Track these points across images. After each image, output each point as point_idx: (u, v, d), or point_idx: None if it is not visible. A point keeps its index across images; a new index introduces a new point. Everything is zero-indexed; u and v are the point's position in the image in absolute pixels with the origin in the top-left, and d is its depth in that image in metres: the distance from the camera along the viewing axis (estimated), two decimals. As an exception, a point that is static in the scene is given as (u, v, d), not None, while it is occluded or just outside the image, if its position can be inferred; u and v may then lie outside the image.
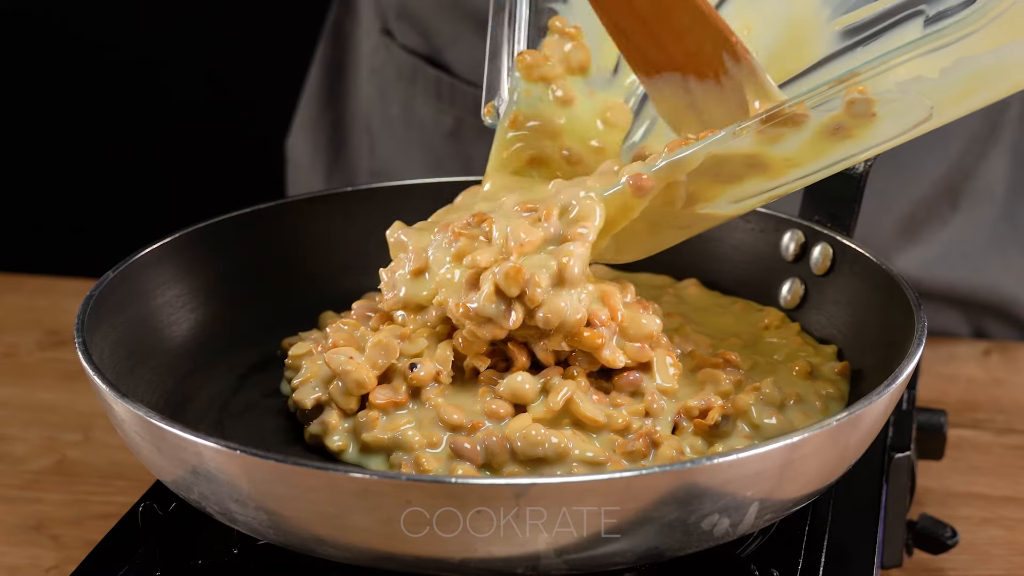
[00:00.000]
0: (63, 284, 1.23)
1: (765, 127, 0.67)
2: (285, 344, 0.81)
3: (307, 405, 0.72)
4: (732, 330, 0.80)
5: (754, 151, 0.68)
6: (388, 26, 1.20)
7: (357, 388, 0.70)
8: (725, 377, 0.72)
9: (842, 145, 0.68)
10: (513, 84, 0.77)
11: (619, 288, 0.72)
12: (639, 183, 0.69)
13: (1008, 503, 0.92)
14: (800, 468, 0.61)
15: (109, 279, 0.75)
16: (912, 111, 0.67)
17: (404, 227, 0.76)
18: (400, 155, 1.21)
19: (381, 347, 0.71)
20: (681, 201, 0.71)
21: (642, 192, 0.69)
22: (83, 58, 1.88)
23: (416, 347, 0.71)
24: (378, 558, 0.60)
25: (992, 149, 1.14)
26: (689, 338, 0.77)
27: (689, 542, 0.60)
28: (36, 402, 1.05)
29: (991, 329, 1.17)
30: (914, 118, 0.67)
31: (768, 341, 0.79)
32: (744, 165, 0.69)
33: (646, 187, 0.69)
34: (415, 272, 0.73)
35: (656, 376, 0.71)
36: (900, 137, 0.68)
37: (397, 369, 0.71)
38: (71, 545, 0.87)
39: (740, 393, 0.71)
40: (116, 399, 0.63)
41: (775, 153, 0.68)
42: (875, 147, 0.68)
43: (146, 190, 1.92)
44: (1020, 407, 1.03)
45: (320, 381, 0.72)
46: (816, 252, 0.82)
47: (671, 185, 0.70)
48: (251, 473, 0.59)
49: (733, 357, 0.74)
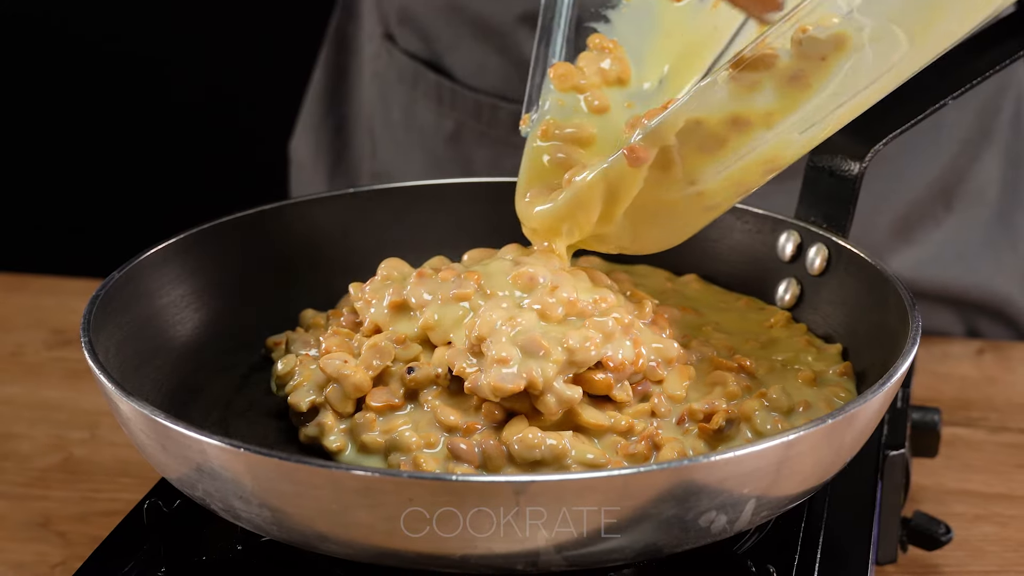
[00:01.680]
0: (69, 284, 1.23)
1: (737, 72, 0.66)
2: (270, 343, 0.81)
3: (302, 408, 0.71)
4: (738, 328, 0.80)
5: (734, 108, 0.67)
6: (390, 31, 1.20)
7: (355, 392, 0.70)
8: (734, 380, 0.72)
9: (807, 95, 0.67)
10: (546, 95, 0.77)
11: (637, 307, 0.71)
12: (635, 153, 0.68)
13: (1001, 500, 0.92)
14: (796, 466, 0.61)
15: (115, 279, 0.75)
16: (878, 47, 0.65)
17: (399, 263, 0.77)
18: (401, 158, 1.21)
19: (376, 350, 0.71)
20: (680, 173, 0.70)
21: (639, 161, 0.68)
22: (91, 61, 1.88)
23: (411, 351, 0.71)
24: (380, 554, 0.60)
25: (985, 151, 1.14)
26: (709, 341, 0.76)
27: (687, 539, 0.60)
28: (42, 400, 1.05)
29: (984, 328, 1.17)
30: (881, 61, 0.65)
31: (780, 342, 0.79)
32: (726, 124, 0.68)
33: (642, 156, 0.68)
34: (394, 306, 0.73)
35: (666, 385, 0.71)
36: (875, 83, 0.66)
37: (391, 372, 0.71)
38: (77, 541, 0.87)
39: (747, 399, 0.70)
40: (121, 398, 0.63)
41: (754, 107, 0.67)
42: (850, 96, 0.66)
43: (152, 191, 1.92)
44: (1013, 405, 1.03)
45: (314, 385, 0.72)
46: (812, 252, 0.82)
47: (665, 153, 0.68)
48: (255, 471, 0.59)
49: (748, 364, 0.73)
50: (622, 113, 0.77)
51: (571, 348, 0.67)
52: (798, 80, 0.66)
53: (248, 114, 1.85)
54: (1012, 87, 1.16)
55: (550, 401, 0.66)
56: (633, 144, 0.69)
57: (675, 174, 0.70)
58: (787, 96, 0.67)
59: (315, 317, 0.82)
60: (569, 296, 0.69)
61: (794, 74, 0.66)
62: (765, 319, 0.81)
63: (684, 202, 0.72)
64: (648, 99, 0.77)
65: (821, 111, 0.67)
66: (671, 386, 0.70)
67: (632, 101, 0.77)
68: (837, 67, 0.66)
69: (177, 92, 1.90)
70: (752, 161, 0.69)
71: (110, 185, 1.94)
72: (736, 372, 0.73)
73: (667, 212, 0.73)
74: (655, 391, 0.70)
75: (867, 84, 0.67)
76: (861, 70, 0.66)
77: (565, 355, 0.67)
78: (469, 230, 0.88)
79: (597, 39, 0.78)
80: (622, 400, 0.69)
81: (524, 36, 1.09)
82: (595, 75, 0.77)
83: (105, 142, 1.92)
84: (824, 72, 0.66)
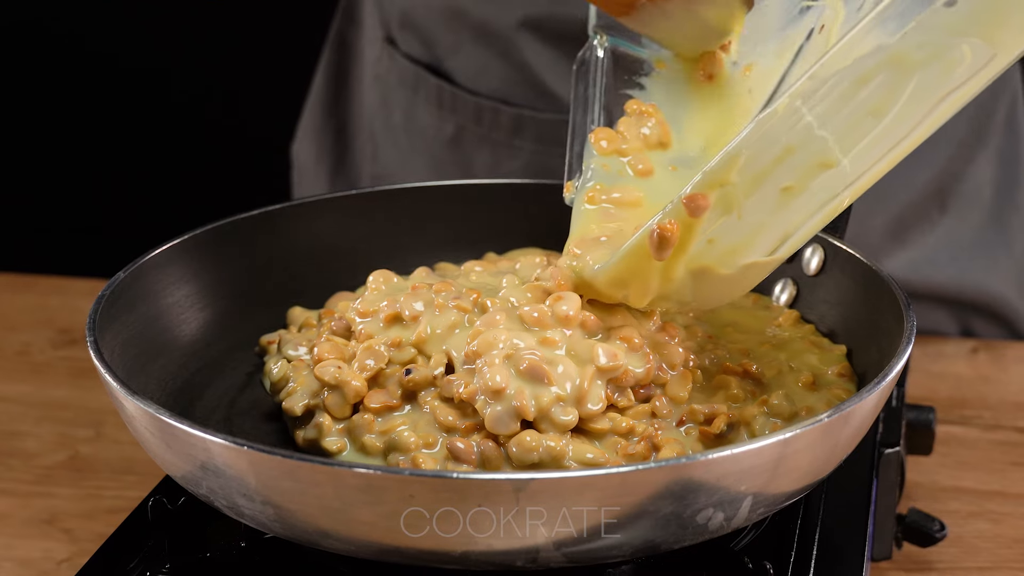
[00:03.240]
0: (75, 284, 1.22)
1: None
2: (263, 342, 0.80)
3: (297, 413, 0.71)
4: (752, 326, 0.79)
5: (791, 141, 0.64)
6: (391, 35, 1.20)
7: (354, 397, 0.69)
8: (737, 385, 0.71)
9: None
10: (588, 160, 0.76)
11: (644, 318, 0.71)
12: (695, 201, 0.65)
13: (995, 497, 0.91)
14: (792, 463, 0.61)
15: (120, 279, 0.75)
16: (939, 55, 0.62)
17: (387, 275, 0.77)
18: (402, 160, 1.21)
19: (371, 353, 0.70)
20: (739, 211, 0.66)
21: (699, 210, 0.65)
22: (99, 67, 1.89)
23: (406, 354, 0.70)
24: (381, 551, 0.60)
25: (979, 154, 1.14)
26: (728, 346, 0.75)
27: (684, 535, 0.60)
28: (49, 399, 1.04)
29: (978, 328, 1.17)
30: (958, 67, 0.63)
31: (790, 343, 0.78)
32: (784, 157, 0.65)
33: (702, 204, 0.65)
34: (389, 319, 0.72)
35: (669, 388, 0.70)
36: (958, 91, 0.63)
37: (386, 374, 0.70)
38: (83, 538, 0.87)
39: (748, 404, 0.70)
40: (127, 396, 0.63)
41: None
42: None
43: (157, 193, 1.93)
44: (1007, 404, 1.03)
45: (308, 391, 0.72)
46: (808, 253, 0.82)
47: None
48: (258, 468, 0.59)
49: (753, 369, 0.72)
50: (667, 176, 0.75)
51: (576, 391, 0.66)
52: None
53: (251, 118, 1.85)
54: (1006, 91, 1.16)
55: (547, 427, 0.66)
56: (692, 193, 0.65)
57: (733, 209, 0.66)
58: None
59: (304, 316, 0.82)
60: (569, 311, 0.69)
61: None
62: (772, 317, 0.81)
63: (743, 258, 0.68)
64: (692, 162, 0.76)
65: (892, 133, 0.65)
66: (674, 389, 0.70)
67: (676, 164, 0.76)
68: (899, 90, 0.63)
69: (182, 97, 1.90)
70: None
71: (116, 188, 1.94)
72: (741, 377, 0.72)
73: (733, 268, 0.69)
74: (657, 393, 0.70)
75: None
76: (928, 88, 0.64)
77: (569, 389, 0.66)
78: (469, 231, 0.88)
79: (635, 104, 0.77)
80: (624, 406, 0.69)
81: (524, 41, 1.09)
82: (636, 139, 0.75)
83: (111, 146, 1.93)
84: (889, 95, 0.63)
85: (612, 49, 0.78)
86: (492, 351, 0.67)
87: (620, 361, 0.68)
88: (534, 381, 0.66)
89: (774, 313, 0.81)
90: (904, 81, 0.63)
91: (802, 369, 0.74)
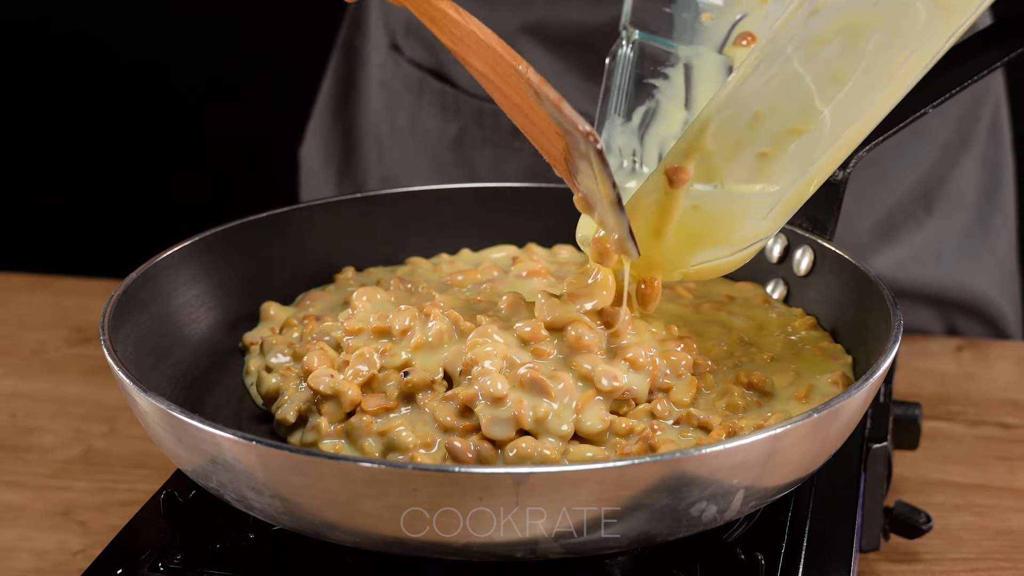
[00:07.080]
0: (89, 284, 1.22)
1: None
2: (246, 340, 0.80)
3: (291, 420, 0.71)
4: (768, 326, 0.78)
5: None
6: (396, 42, 1.20)
7: (349, 405, 0.69)
8: (740, 395, 0.70)
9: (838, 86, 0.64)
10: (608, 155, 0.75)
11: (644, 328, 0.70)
12: (674, 174, 0.66)
13: (979, 490, 0.91)
14: (783, 458, 0.61)
15: (133, 279, 0.75)
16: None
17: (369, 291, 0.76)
18: (407, 163, 1.21)
19: (363, 359, 0.70)
20: (718, 175, 0.67)
21: (680, 182, 0.66)
22: (113, 72, 1.89)
23: (397, 360, 0.70)
24: (385, 542, 0.60)
25: (964, 157, 1.14)
26: (755, 358, 0.74)
27: (679, 527, 0.60)
28: (64, 395, 1.05)
29: (963, 326, 1.17)
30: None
31: (803, 353, 0.76)
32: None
33: (682, 177, 0.66)
34: (377, 331, 0.72)
35: (672, 392, 0.70)
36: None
37: (379, 378, 0.69)
38: (97, 530, 0.87)
39: (746, 416, 0.69)
40: (139, 393, 0.63)
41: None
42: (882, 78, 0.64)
43: (169, 196, 1.93)
44: (990, 400, 1.03)
45: (300, 400, 0.71)
46: (798, 254, 0.82)
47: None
48: (267, 463, 0.59)
49: (758, 380, 0.71)
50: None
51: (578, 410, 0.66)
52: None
53: (260, 123, 1.85)
54: (990, 97, 1.16)
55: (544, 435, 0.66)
56: (671, 165, 0.66)
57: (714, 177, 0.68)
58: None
59: (283, 314, 0.81)
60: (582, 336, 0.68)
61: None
62: (787, 321, 0.79)
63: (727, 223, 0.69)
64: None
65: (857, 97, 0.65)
66: (677, 394, 0.70)
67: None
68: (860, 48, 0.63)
69: (194, 102, 1.91)
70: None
71: (130, 190, 1.94)
72: (746, 387, 0.71)
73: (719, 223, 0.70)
74: (659, 396, 0.69)
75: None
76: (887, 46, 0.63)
77: (570, 408, 0.66)
78: (472, 231, 0.88)
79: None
80: (624, 412, 0.68)
81: (525, 46, 1.09)
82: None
83: (125, 150, 1.93)
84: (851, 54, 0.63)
85: (641, 43, 0.78)
86: (487, 361, 0.67)
87: (621, 383, 0.67)
88: (534, 393, 0.66)
89: (784, 316, 0.80)
90: (862, 43, 0.63)
91: (807, 378, 0.73)
